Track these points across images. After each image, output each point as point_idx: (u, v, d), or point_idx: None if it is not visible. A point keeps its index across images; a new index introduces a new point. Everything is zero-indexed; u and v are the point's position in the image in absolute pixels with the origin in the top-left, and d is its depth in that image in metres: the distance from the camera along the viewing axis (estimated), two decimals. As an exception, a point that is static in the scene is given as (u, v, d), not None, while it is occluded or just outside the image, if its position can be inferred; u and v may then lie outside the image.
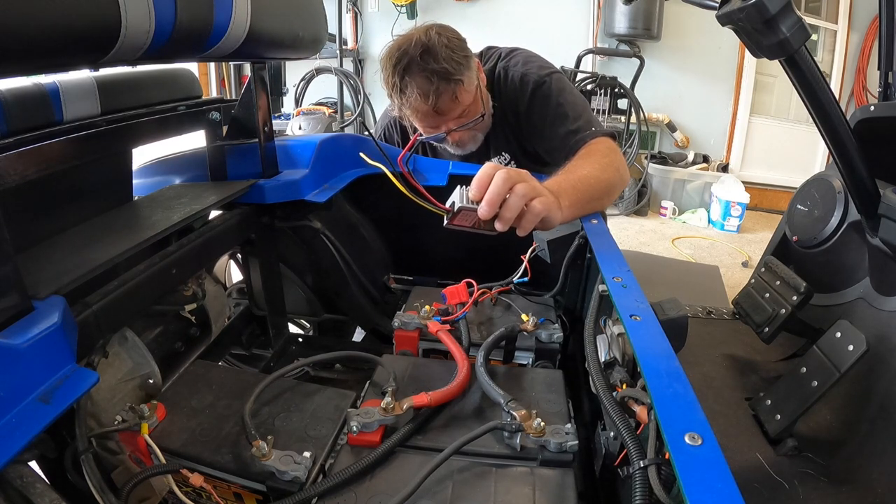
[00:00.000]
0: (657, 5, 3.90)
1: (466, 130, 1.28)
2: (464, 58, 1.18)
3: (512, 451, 0.68)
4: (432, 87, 1.15)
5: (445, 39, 1.16)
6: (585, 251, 1.03)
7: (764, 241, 2.17)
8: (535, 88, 1.27)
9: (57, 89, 0.76)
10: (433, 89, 1.15)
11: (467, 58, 1.20)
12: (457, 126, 1.25)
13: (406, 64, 1.15)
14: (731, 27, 0.79)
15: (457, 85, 1.17)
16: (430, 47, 1.14)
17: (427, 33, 1.16)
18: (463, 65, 1.17)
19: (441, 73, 1.14)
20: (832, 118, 0.87)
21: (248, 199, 1.01)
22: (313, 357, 0.88)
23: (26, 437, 0.48)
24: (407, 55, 1.15)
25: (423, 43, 1.14)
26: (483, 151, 1.40)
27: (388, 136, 1.52)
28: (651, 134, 4.29)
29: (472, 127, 1.28)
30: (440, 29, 1.19)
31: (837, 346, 0.96)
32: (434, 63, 1.13)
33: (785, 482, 0.91)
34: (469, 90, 1.21)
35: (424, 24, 1.22)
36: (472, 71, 1.22)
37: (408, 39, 1.17)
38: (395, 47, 1.17)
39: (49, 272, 0.63)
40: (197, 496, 0.64)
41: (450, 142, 1.32)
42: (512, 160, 1.41)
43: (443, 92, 1.16)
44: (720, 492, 0.43)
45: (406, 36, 1.19)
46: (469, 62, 1.20)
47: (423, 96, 1.15)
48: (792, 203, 1.39)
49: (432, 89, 1.15)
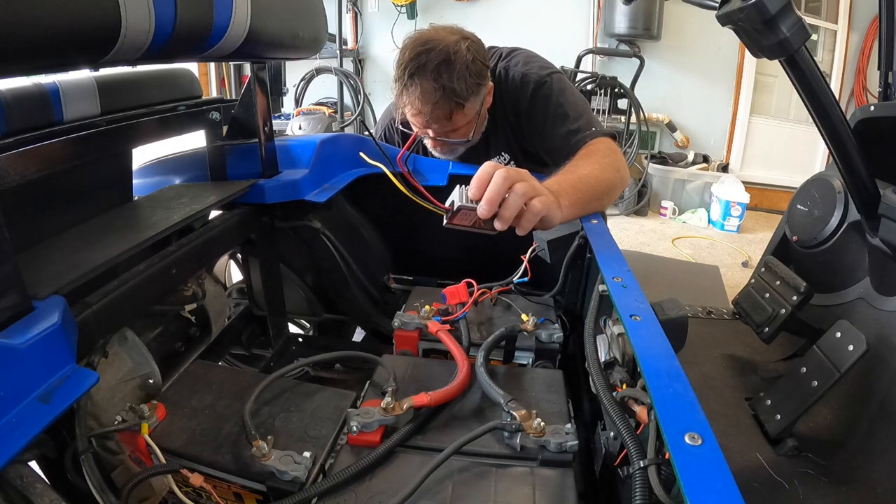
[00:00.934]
0: (657, 5, 3.89)
1: (448, 145, 1.29)
2: (477, 85, 1.17)
3: (512, 451, 0.68)
4: (433, 97, 1.14)
5: (471, 58, 1.14)
6: (585, 251, 1.03)
7: (764, 241, 2.17)
8: (535, 88, 1.27)
9: (57, 89, 0.76)
10: (433, 100, 1.14)
11: (480, 85, 1.18)
12: (439, 137, 1.25)
13: (422, 63, 1.13)
14: (731, 27, 0.79)
15: (457, 107, 1.16)
16: (452, 62, 1.12)
17: (458, 44, 1.14)
18: (473, 91, 1.16)
19: (448, 90, 1.13)
20: (832, 118, 0.87)
21: (248, 199, 1.02)
22: (313, 357, 0.88)
23: (26, 437, 0.48)
24: (428, 56, 1.12)
25: (449, 53, 1.12)
26: (482, 151, 1.40)
27: (389, 136, 1.52)
28: (651, 134, 4.28)
29: (453, 144, 1.29)
30: (472, 45, 1.17)
31: (837, 346, 0.96)
32: (447, 79, 1.12)
33: (785, 482, 0.91)
34: (467, 115, 1.20)
35: (462, 30, 1.20)
36: (480, 97, 1.21)
37: (439, 40, 1.14)
38: (423, 41, 1.14)
39: (49, 272, 0.63)
40: (197, 496, 0.64)
41: (429, 144, 1.33)
42: (512, 160, 1.41)
43: (441, 107, 1.15)
44: (720, 492, 0.43)
45: (440, 33, 1.16)
46: (480, 89, 1.19)
47: (422, 101, 1.15)
48: (792, 203, 1.39)
49: (432, 100, 1.14)
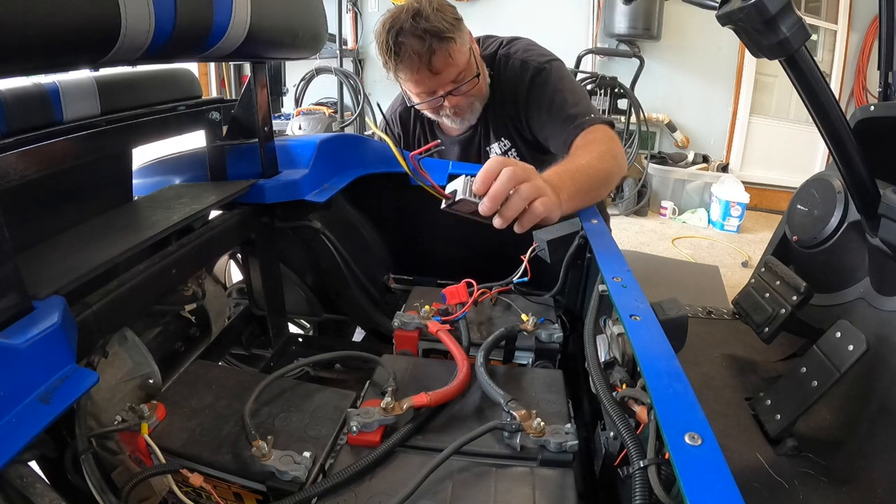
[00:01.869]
0: (657, 5, 3.90)
1: (464, 96, 1.29)
2: (454, 20, 1.21)
3: (512, 451, 0.68)
4: (425, 45, 1.16)
5: (436, 4, 1.19)
6: (585, 251, 1.03)
7: (764, 241, 2.17)
8: (534, 75, 1.28)
9: (57, 89, 0.76)
10: (426, 48, 1.17)
11: (458, 20, 1.22)
12: (453, 88, 1.25)
13: (399, 28, 1.17)
14: (731, 27, 0.79)
15: (449, 43, 1.18)
16: (420, 10, 1.17)
17: (417, 1, 1.19)
18: (455, 26, 1.20)
19: (433, 31, 1.16)
20: (832, 118, 0.87)
21: (248, 199, 1.01)
22: (313, 357, 0.88)
23: (26, 437, 0.48)
24: (399, 20, 1.18)
25: (414, 8, 1.17)
26: (483, 135, 1.40)
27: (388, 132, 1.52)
28: (651, 134, 4.28)
29: (469, 91, 1.28)
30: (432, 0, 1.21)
31: (837, 346, 0.96)
32: (425, 23, 1.16)
33: (785, 482, 0.91)
34: (462, 50, 1.22)
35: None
36: (464, 33, 1.24)
37: (398, 9, 1.20)
38: (388, 16, 1.21)
39: (49, 272, 0.63)
40: (197, 496, 0.64)
41: (448, 109, 1.32)
42: (512, 147, 1.42)
43: (436, 50, 1.17)
44: (720, 492, 0.43)
45: (396, 7, 1.21)
46: (460, 24, 1.22)
47: (418, 56, 1.17)
48: (792, 203, 1.39)
49: (425, 48, 1.17)
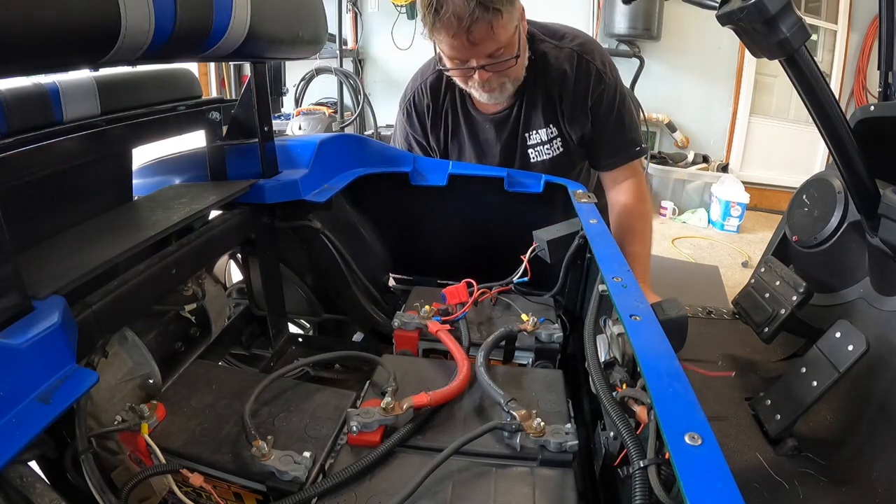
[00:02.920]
0: (657, 5, 3.89)
1: (496, 73, 1.19)
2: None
3: (512, 451, 0.68)
4: (469, 10, 1.05)
5: None
6: (585, 251, 1.03)
7: (764, 241, 2.17)
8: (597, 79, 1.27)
9: (57, 89, 0.76)
10: (469, 13, 1.05)
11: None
12: (487, 63, 1.15)
13: None
14: (731, 27, 0.79)
15: (495, 15, 1.07)
16: None
17: None
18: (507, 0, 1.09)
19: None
20: (832, 118, 0.87)
21: (248, 199, 1.01)
22: (313, 357, 0.88)
23: (26, 437, 0.48)
24: None
25: None
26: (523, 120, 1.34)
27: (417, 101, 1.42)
28: (651, 134, 4.28)
29: (503, 69, 1.19)
30: None
31: (837, 346, 0.95)
32: None
33: (785, 482, 0.91)
34: (507, 27, 1.11)
35: None
36: (515, 9, 1.13)
37: None
38: None
39: (49, 272, 0.63)
40: (197, 496, 0.64)
41: (477, 81, 1.21)
42: (559, 136, 1.36)
43: (479, 19, 1.06)
44: (720, 492, 0.43)
45: None
46: (515, 1, 1.12)
47: (458, 19, 1.06)
48: (792, 203, 1.39)
49: (468, 13, 1.05)
